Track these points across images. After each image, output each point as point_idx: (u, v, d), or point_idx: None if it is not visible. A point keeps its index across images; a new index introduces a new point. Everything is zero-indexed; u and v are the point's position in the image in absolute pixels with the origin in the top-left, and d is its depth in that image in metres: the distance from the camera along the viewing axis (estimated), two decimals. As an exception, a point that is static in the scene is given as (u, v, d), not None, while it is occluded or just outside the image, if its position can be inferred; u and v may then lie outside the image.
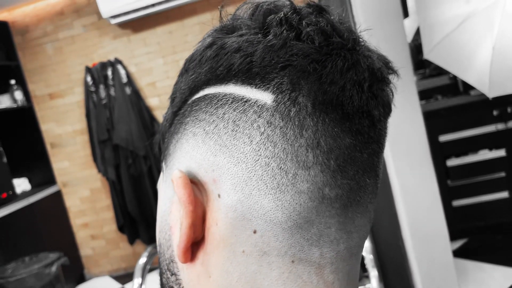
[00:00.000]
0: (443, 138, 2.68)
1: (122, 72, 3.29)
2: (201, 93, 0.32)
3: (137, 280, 1.12)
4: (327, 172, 0.28)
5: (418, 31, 2.65)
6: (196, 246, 0.31)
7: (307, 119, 0.28)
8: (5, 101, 3.30)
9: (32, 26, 3.41)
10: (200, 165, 0.30)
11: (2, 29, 3.37)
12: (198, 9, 3.26)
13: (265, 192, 0.28)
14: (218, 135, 0.30)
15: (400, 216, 1.68)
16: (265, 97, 0.29)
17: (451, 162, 2.69)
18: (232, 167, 0.29)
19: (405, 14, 3.02)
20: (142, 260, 1.14)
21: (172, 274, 0.34)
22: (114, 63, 3.29)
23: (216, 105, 0.30)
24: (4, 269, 2.66)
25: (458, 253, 2.60)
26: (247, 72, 0.29)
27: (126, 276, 3.50)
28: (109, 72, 3.29)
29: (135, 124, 3.26)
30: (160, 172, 0.38)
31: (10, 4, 3.30)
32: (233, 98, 0.30)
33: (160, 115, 3.36)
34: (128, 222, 3.42)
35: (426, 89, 2.90)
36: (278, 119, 0.28)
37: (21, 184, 3.34)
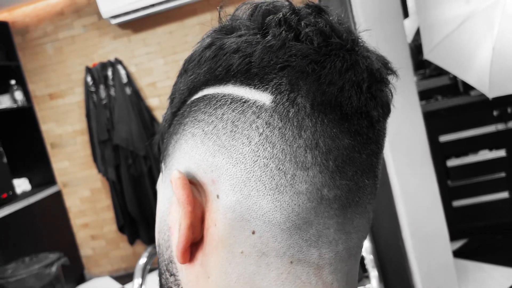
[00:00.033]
0: (443, 138, 2.68)
1: (122, 72, 3.29)
2: (200, 94, 0.32)
3: (137, 281, 1.11)
4: (325, 173, 0.28)
5: (418, 32, 2.65)
6: (195, 247, 0.31)
7: (306, 120, 0.28)
8: (5, 101, 3.30)
9: (32, 26, 3.41)
10: (199, 165, 0.30)
11: (2, 29, 3.37)
12: (198, 9, 3.26)
13: (264, 193, 0.28)
14: (217, 135, 0.30)
15: (400, 216, 1.67)
16: (264, 98, 0.29)
17: (451, 163, 2.69)
18: (230, 167, 0.29)
19: (405, 14, 3.02)
20: (142, 260, 1.14)
21: (171, 274, 0.33)
22: (114, 63, 3.29)
23: (215, 106, 0.30)
24: (4, 269, 2.66)
25: (458, 253, 2.60)
26: (246, 73, 0.29)
27: (126, 277, 3.50)
28: (109, 72, 3.29)
29: (135, 124, 3.26)
30: (160, 172, 0.38)
31: (10, 4, 3.30)
32: (231, 98, 0.29)
33: (160, 115, 3.36)
34: (128, 222, 3.42)
35: (426, 89, 2.90)
36: (276, 119, 0.28)
37: (21, 184, 3.34)
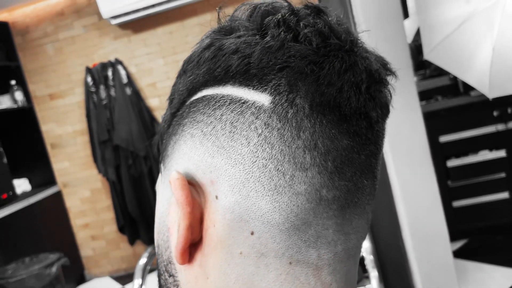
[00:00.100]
0: (443, 138, 2.68)
1: (123, 72, 3.29)
2: (199, 95, 0.32)
3: (137, 281, 1.11)
4: (324, 173, 0.28)
5: (419, 32, 2.65)
6: (194, 248, 0.31)
7: (305, 120, 0.28)
8: (5, 102, 3.30)
9: (32, 26, 3.41)
10: (198, 166, 0.30)
11: (2, 30, 3.37)
12: (199, 9, 3.26)
13: (263, 194, 0.28)
14: (216, 136, 0.30)
15: (400, 216, 1.67)
16: (263, 99, 0.29)
17: (451, 163, 2.69)
18: (229, 168, 0.29)
19: (405, 14, 3.02)
20: (143, 260, 1.14)
21: (170, 275, 0.33)
22: (115, 64, 3.30)
23: (214, 107, 0.30)
24: (4, 270, 2.66)
25: (458, 254, 2.60)
26: (244, 74, 0.29)
27: (127, 277, 3.50)
28: (110, 73, 3.29)
29: (135, 124, 3.26)
30: (159, 173, 0.38)
31: (11, 4, 3.30)
32: (230, 99, 0.29)
33: (161, 115, 3.36)
34: (128, 223, 3.42)
35: (426, 89, 2.89)
36: (275, 120, 0.28)
37: (22, 185, 3.34)
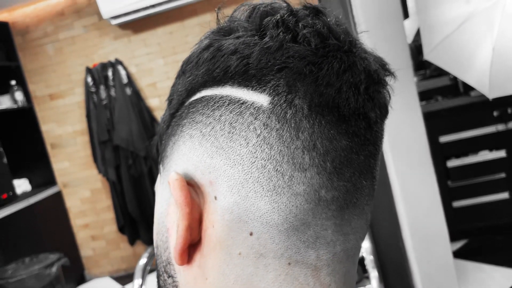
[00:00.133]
0: (444, 139, 2.68)
1: (123, 72, 3.29)
2: (198, 95, 0.32)
3: (137, 281, 1.11)
4: (323, 174, 0.28)
5: (419, 32, 2.65)
6: (193, 248, 0.31)
7: (303, 121, 0.28)
8: (5, 102, 3.30)
9: (32, 26, 3.41)
10: (197, 167, 0.30)
11: (2, 30, 3.37)
12: (199, 9, 3.26)
13: (262, 194, 0.28)
14: (215, 137, 0.30)
15: (400, 216, 1.67)
16: (262, 99, 0.29)
17: (451, 163, 2.69)
18: (228, 169, 0.29)
19: (405, 15, 3.02)
20: (143, 261, 1.14)
21: (169, 276, 0.33)
22: (115, 64, 3.30)
23: (213, 107, 0.30)
24: (4, 270, 2.66)
25: (458, 254, 2.60)
26: (243, 74, 0.29)
27: (127, 277, 3.50)
28: (110, 73, 3.29)
29: (135, 124, 3.26)
30: (158, 173, 0.38)
31: (11, 4, 3.30)
32: (229, 100, 0.29)
33: (161, 115, 3.36)
34: (128, 223, 3.42)
35: (427, 90, 2.89)
36: (274, 121, 0.28)
37: (22, 185, 3.34)
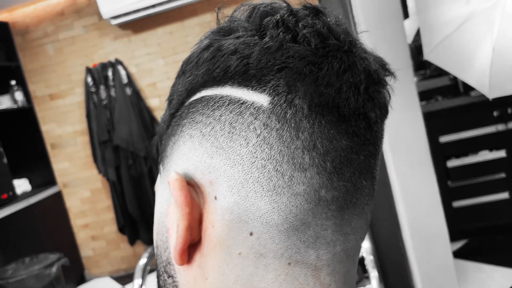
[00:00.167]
0: (444, 139, 2.68)
1: (123, 72, 3.29)
2: (198, 95, 0.32)
3: (137, 281, 1.11)
4: (323, 174, 0.28)
5: (419, 32, 2.65)
6: (193, 248, 0.31)
7: (303, 121, 0.28)
8: (5, 102, 3.30)
9: (32, 26, 3.41)
10: (197, 167, 0.30)
11: (2, 30, 3.37)
12: (199, 9, 3.26)
13: (262, 194, 0.28)
14: (215, 137, 0.30)
15: (400, 216, 1.67)
16: (262, 99, 0.29)
17: (452, 163, 2.69)
18: (228, 169, 0.29)
19: (405, 15, 3.02)
20: (143, 261, 1.14)
21: (169, 276, 0.33)
22: (115, 64, 3.30)
23: (213, 107, 0.30)
24: (4, 270, 2.66)
25: (458, 254, 2.60)
26: (243, 74, 0.29)
27: (127, 277, 3.50)
28: (110, 73, 3.29)
29: (135, 124, 3.26)
30: (158, 173, 0.38)
31: (11, 4, 3.30)
32: (229, 100, 0.29)
33: (161, 116, 3.36)
34: (128, 223, 3.42)
35: (427, 90, 2.89)
36: (274, 121, 0.28)
37: (22, 185, 3.34)
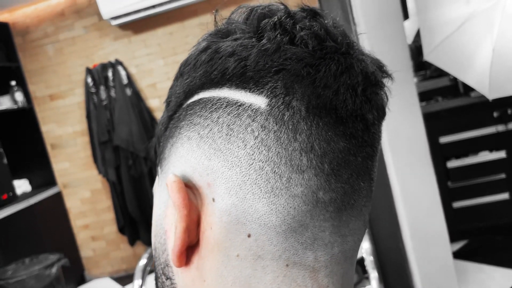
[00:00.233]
0: (444, 139, 2.68)
1: (123, 73, 3.30)
2: (195, 97, 0.32)
3: (137, 282, 1.11)
4: (321, 175, 0.28)
5: (419, 33, 2.65)
6: (191, 250, 0.31)
7: (301, 123, 0.28)
8: (5, 102, 3.30)
9: (32, 27, 3.41)
10: (195, 169, 0.30)
11: (2, 30, 3.37)
12: (199, 10, 3.26)
13: (259, 196, 0.28)
14: (213, 139, 0.30)
15: (400, 217, 1.67)
16: (259, 101, 0.29)
17: (451, 164, 2.69)
18: (226, 171, 0.29)
19: (405, 15, 3.02)
20: (143, 261, 1.14)
21: (167, 278, 0.33)
22: (115, 64, 3.30)
23: (211, 109, 0.30)
24: (4, 271, 2.66)
25: (458, 255, 2.59)
26: (241, 76, 0.29)
27: (127, 277, 3.50)
28: (110, 73, 3.29)
29: (135, 125, 3.26)
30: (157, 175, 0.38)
31: (11, 5, 3.31)
32: (227, 102, 0.30)
33: (160, 116, 3.36)
34: (128, 223, 3.42)
35: (427, 90, 2.89)
36: (272, 123, 0.28)
37: (22, 185, 3.34)
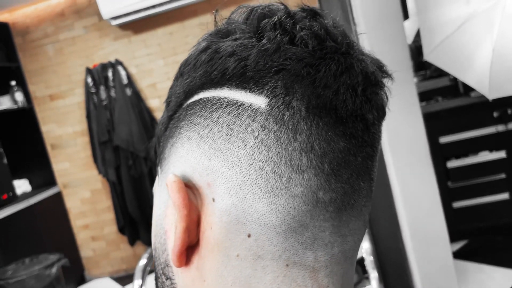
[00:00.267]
0: (444, 139, 2.68)
1: (123, 73, 3.29)
2: (195, 97, 0.32)
3: (137, 282, 1.11)
4: (321, 175, 0.28)
5: (419, 33, 2.65)
6: (191, 250, 0.31)
7: (301, 123, 0.28)
8: (5, 102, 3.30)
9: (32, 27, 3.41)
10: (195, 169, 0.30)
11: (2, 30, 3.37)
12: (199, 10, 3.26)
13: (259, 196, 0.28)
14: (213, 139, 0.30)
15: (400, 217, 1.67)
16: (259, 101, 0.29)
17: (451, 164, 2.69)
18: (226, 171, 0.29)
19: (405, 15, 3.02)
20: (143, 261, 1.14)
21: (167, 278, 0.33)
22: (115, 64, 3.30)
23: (211, 109, 0.30)
24: (5, 271, 2.66)
25: (458, 255, 2.59)
26: (241, 76, 0.29)
27: (127, 278, 3.50)
28: (110, 73, 3.29)
29: (135, 125, 3.26)
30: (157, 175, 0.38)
31: (11, 5, 3.31)
32: (227, 102, 0.30)
33: (161, 116, 3.36)
34: (128, 223, 3.42)
35: (427, 90, 2.89)
36: (272, 123, 0.28)
37: (22, 185, 3.34)
